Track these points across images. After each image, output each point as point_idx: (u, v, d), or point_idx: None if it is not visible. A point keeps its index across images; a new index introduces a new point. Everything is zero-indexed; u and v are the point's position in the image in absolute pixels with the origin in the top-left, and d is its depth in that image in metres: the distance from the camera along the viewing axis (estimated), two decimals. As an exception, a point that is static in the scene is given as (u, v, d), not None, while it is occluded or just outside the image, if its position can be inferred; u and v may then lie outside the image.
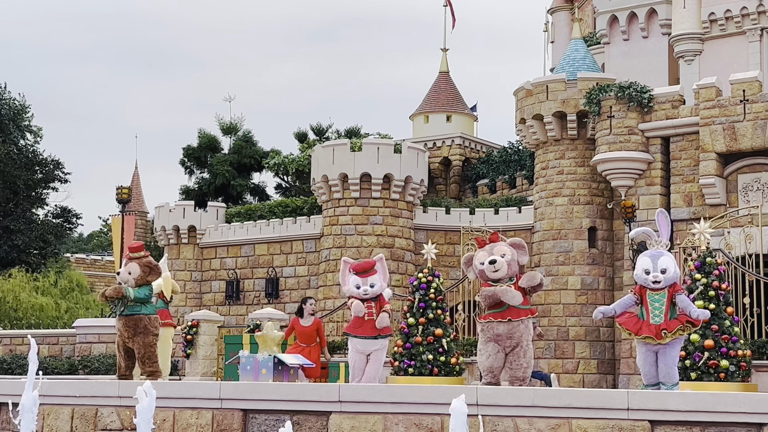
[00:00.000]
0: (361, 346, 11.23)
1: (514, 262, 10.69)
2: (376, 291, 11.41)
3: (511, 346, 10.55)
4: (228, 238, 31.20)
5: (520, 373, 10.57)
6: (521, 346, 10.55)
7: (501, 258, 10.60)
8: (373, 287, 11.36)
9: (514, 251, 10.76)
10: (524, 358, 10.56)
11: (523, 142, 28.19)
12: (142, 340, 11.59)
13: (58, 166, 39.19)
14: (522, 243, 10.99)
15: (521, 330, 10.56)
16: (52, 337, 25.03)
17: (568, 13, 33.95)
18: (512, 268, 10.64)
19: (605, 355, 25.30)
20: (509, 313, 10.56)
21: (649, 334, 10.18)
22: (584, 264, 25.46)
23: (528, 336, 10.65)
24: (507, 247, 10.76)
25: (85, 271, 45.89)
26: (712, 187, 23.04)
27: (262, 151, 39.08)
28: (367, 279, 11.38)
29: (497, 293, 10.49)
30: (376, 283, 11.41)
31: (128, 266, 11.87)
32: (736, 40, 26.53)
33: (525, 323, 10.61)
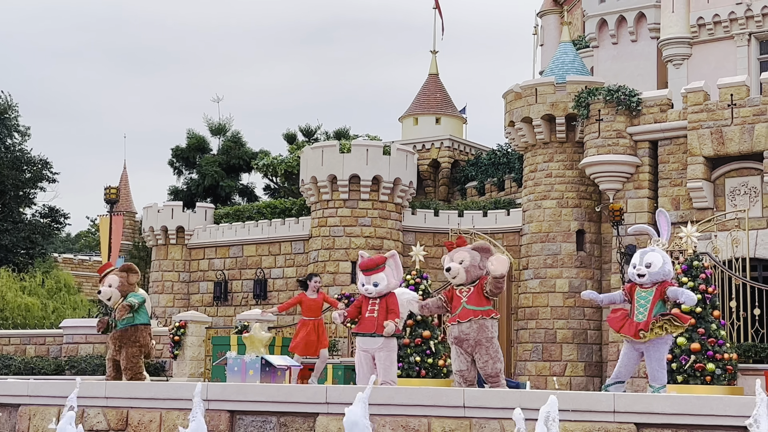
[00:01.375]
0: (362, 343, 10.93)
1: (474, 267, 10.57)
2: (380, 290, 10.76)
3: (470, 347, 10.55)
4: (216, 239, 31.15)
5: (489, 369, 10.51)
6: (481, 345, 10.50)
7: (458, 265, 10.56)
8: (376, 286, 10.73)
9: (475, 255, 10.63)
10: (487, 354, 10.48)
11: (512, 145, 28.25)
12: (126, 351, 11.61)
13: (46, 165, 39.06)
14: (485, 246, 10.76)
15: (475, 330, 10.48)
16: (38, 337, 24.95)
17: (558, 17, 34.04)
18: (471, 274, 10.56)
19: (592, 358, 25.36)
20: (460, 316, 10.59)
21: (627, 333, 10.20)
22: (572, 267, 25.53)
23: (487, 334, 10.52)
24: (467, 252, 10.62)
25: (72, 271, 45.75)
26: (699, 191, 23.13)
27: (251, 152, 39.04)
28: (371, 278, 10.78)
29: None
30: (381, 282, 10.75)
31: (106, 280, 11.85)
32: (725, 44, 26.65)
33: (479, 323, 10.50)
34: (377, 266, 10.76)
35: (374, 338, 10.69)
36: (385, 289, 10.77)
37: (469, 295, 10.58)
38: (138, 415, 9.73)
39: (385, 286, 10.74)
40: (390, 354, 10.75)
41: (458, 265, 10.58)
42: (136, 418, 9.72)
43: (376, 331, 10.68)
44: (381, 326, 10.68)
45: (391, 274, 10.83)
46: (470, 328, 10.50)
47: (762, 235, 22.49)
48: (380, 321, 10.68)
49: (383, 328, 10.66)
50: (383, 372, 10.62)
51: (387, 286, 10.74)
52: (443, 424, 8.52)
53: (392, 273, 10.85)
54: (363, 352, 10.82)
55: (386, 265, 10.84)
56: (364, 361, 10.84)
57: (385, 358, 10.66)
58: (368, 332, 10.71)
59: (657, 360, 10.31)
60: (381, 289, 10.76)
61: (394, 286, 10.86)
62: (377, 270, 10.76)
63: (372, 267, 10.78)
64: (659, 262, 10.23)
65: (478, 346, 10.49)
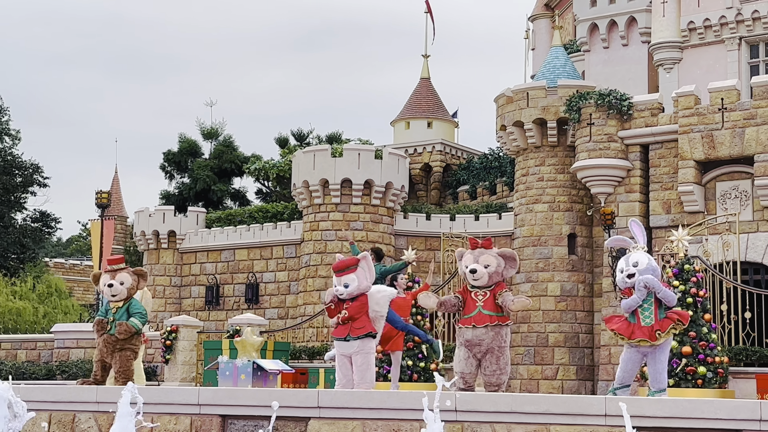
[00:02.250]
0: (339, 347, 10.88)
1: (497, 274, 10.60)
2: (351, 291, 10.52)
3: (481, 353, 10.55)
4: (208, 243, 31.10)
5: (494, 379, 10.53)
6: (493, 353, 10.50)
7: (484, 269, 10.56)
8: (347, 287, 10.51)
9: (501, 262, 10.64)
10: (496, 364, 10.50)
11: (504, 149, 28.28)
12: (120, 355, 11.53)
13: (38, 170, 38.96)
14: (513, 255, 10.75)
15: (490, 336, 10.50)
16: (29, 342, 24.89)
17: (549, 21, 34.11)
18: (493, 279, 10.59)
19: (584, 362, 25.39)
20: (475, 320, 10.58)
21: (642, 336, 10.21)
22: (564, 270, 25.56)
23: (500, 342, 10.55)
24: (494, 258, 10.63)
25: (63, 275, 45.65)
26: (690, 195, 23.19)
27: (243, 156, 39.00)
28: (342, 278, 10.56)
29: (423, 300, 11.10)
30: (352, 283, 10.50)
31: (119, 276, 11.53)
32: (715, 48, 26.73)
33: (495, 330, 10.52)
34: (348, 267, 10.64)
35: (349, 342, 10.58)
36: (355, 290, 10.56)
37: (486, 300, 10.56)
38: (129, 419, 9.69)
39: (355, 287, 10.54)
40: (367, 357, 10.62)
41: (484, 269, 10.57)
42: (128, 422, 9.68)
43: (350, 334, 10.57)
44: (355, 329, 10.56)
45: (362, 275, 10.60)
46: (486, 334, 10.49)
47: (753, 239, 22.56)
48: (354, 324, 10.56)
49: (357, 330, 10.56)
50: (359, 376, 10.52)
51: (358, 287, 10.55)
52: (435, 428, 8.50)
53: (364, 274, 10.62)
54: (341, 356, 10.75)
55: (358, 267, 10.67)
56: (342, 365, 10.75)
57: (362, 363, 10.52)
58: (342, 337, 10.60)
59: (661, 362, 10.39)
60: (351, 290, 10.54)
61: (365, 287, 10.63)
62: (348, 271, 10.59)
63: (343, 268, 10.60)
64: (645, 259, 10.37)
65: (490, 353, 10.49)
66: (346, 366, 10.64)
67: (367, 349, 10.57)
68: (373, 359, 10.70)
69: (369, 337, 10.57)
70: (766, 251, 22.49)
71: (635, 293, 10.31)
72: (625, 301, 10.44)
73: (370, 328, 10.60)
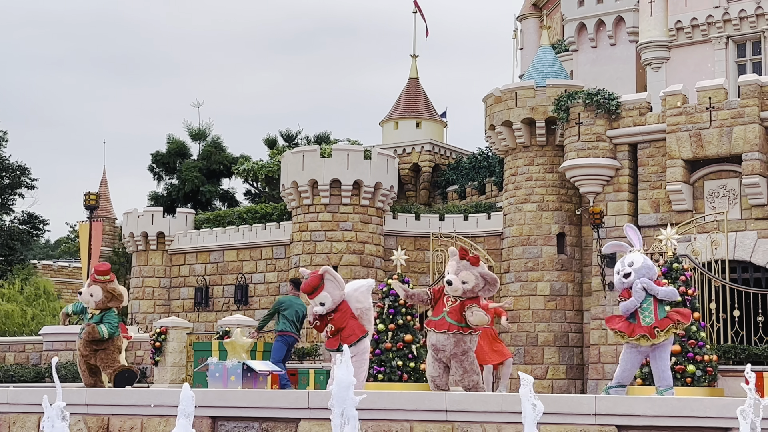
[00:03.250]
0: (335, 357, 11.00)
1: (472, 292, 10.63)
2: (329, 307, 10.78)
3: (446, 357, 10.66)
4: (197, 244, 31.04)
5: (464, 383, 10.63)
6: (456, 358, 10.58)
7: (460, 284, 10.64)
8: (323, 305, 10.77)
9: (480, 283, 10.63)
10: (462, 368, 10.59)
11: (493, 149, 28.31)
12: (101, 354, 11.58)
13: (25, 172, 38.81)
14: (494, 281, 10.75)
15: (452, 343, 10.58)
16: (18, 344, 24.79)
17: (537, 21, 34.17)
18: (467, 295, 10.65)
19: (574, 361, 25.43)
20: (437, 324, 10.68)
21: (643, 332, 10.26)
22: (553, 270, 25.59)
23: (463, 348, 10.57)
24: (474, 277, 10.63)
25: (52, 278, 45.50)
26: (678, 194, 23.25)
27: (232, 157, 38.93)
28: (315, 299, 10.82)
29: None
30: (326, 300, 10.76)
31: (91, 288, 11.73)
32: (702, 47, 26.81)
33: (457, 337, 10.57)
34: (316, 288, 10.76)
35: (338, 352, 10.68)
36: (332, 304, 10.78)
37: (453, 308, 10.63)
38: (119, 421, 9.67)
39: (331, 302, 10.75)
40: (360, 357, 10.76)
41: (461, 284, 10.62)
42: (117, 424, 9.66)
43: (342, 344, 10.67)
44: (346, 337, 10.70)
45: (332, 288, 10.81)
46: (447, 341, 10.60)
47: (741, 237, 22.64)
48: (344, 333, 10.75)
49: (349, 339, 10.68)
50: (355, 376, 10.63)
51: (333, 301, 10.74)
52: (425, 428, 8.52)
53: (333, 286, 10.83)
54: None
55: (325, 281, 10.82)
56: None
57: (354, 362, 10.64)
58: (334, 348, 10.74)
59: (663, 360, 10.45)
60: (329, 306, 10.77)
61: (339, 297, 10.82)
62: (318, 291, 10.75)
63: (311, 291, 10.80)
64: (640, 259, 10.41)
65: (454, 358, 10.60)
66: None
67: (362, 351, 10.72)
68: (366, 358, 10.85)
69: (362, 339, 10.70)
70: (755, 249, 22.57)
71: (633, 295, 10.34)
72: (623, 303, 10.46)
73: (360, 332, 10.72)
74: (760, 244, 22.53)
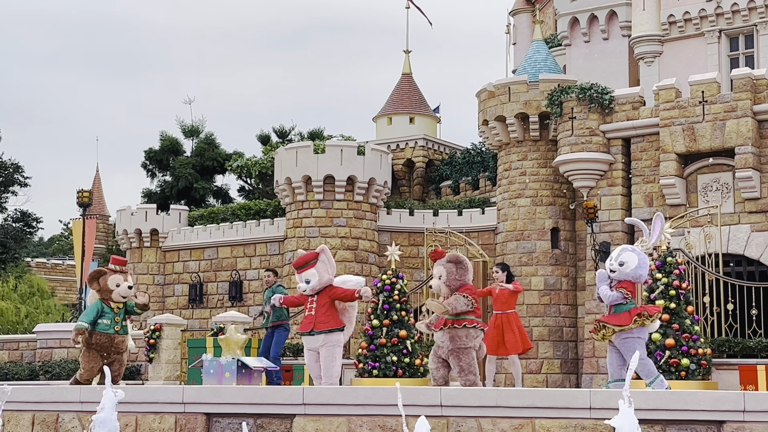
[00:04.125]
0: (306, 342, 10.87)
1: (454, 280, 10.65)
2: (313, 286, 10.58)
3: (444, 354, 10.69)
4: (191, 241, 31.01)
5: (461, 381, 10.67)
6: (454, 354, 10.63)
7: (438, 280, 10.71)
8: (308, 283, 10.58)
9: (450, 267, 10.65)
10: (458, 366, 10.63)
11: (486, 144, 28.32)
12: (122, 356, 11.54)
13: (18, 169, 38.71)
14: (456, 258, 10.75)
15: (447, 338, 10.64)
16: (12, 342, 24.73)
17: (530, 16, 34.16)
18: (452, 286, 10.66)
19: (568, 355, 25.46)
20: (437, 323, 10.77)
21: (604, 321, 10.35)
22: (547, 264, 25.62)
23: (459, 344, 10.58)
24: (442, 267, 10.69)
25: (45, 275, 45.43)
26: (672, 188, 23.28)
27: (225, 154, 38.89)
28: (302, 275, 10.64)
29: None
30: (312, 278, 10.56)
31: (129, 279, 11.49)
32: (695, 41, 26.83)
33: (452, 332, 10.60)
34: (307, 263, 10.59)
35: (314, 336, 10.57)
36: (317, 284, 10.59)
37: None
38: (113, 419, 9.64)
39: (317, 282, 10.55)
40: (332, 350, 10.61)
41: (438, 280, 10.67)
42: (112, 422, 9.63)
43: (314, 329, 10.56)
44: (320, 323, 10.56)
45: (323, 269, 10.62)
46: (443, 337, 10.68)
47: (734, 231, 22.68)
48: (319, 318, 10.53)
49: (322, 325, 10.54)
50: (325, 370, 10.56)
51: (319, 281, 10.55)
52: (420, 423, 8.50)
53: (324, 268, 10.64)
54: (309, 351, 10.76)
55: (318, 261, 10.64)
56: (311, 360, 10.76)
57: (326, 356, 10.54)
58: (306, 331, 10.61)
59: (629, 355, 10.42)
60: (313, 285, 10.59)
61: (327, 280, 10.64)
62: (308, 267, 10.57)
63: (302, 264, 10.63)
64: (633, 263, 10.26)
65: (451, 354, 10.62)
66: (314, 360, 10.67)
67: (333, 342, 10.57)
68: (339, 352, 10.72)
69: (335, 331, 10.57)
70: (748, 243, 22.62)
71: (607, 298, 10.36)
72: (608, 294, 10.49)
73: (336, 323, 10.58)
74: (754, 237, 22.58)
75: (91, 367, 11.45)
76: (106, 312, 11.45)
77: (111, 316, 11.44)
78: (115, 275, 11.41)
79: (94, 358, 11.44)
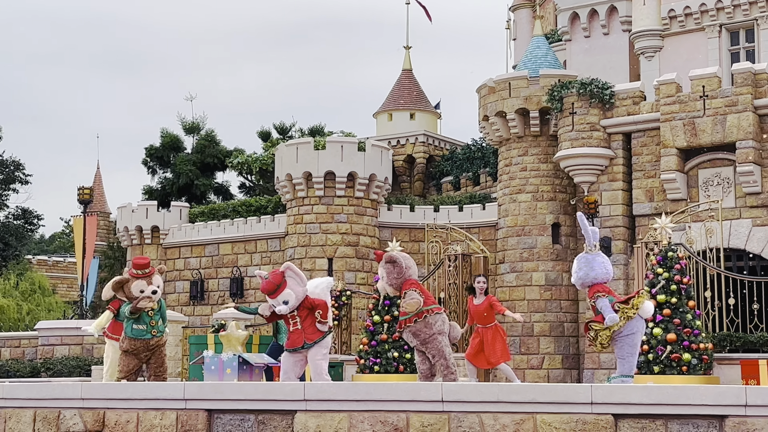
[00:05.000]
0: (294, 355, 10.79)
1: (395, 279, 10.65)
2: (292, 305, 10.52)
3: (419, 348, 10.79)
4: (192, 237, 31.01)
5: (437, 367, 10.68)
6: (424, 346, 10.68)
7: (382, 282, 10.84)
8: (287, 303, 10.49)
9: (389, 268, 10.67)
10: (430, 353, 10.67)
11: (487, 139, 28.30)
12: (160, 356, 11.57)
13: (19, 167, 38.74)
14: (391, 257, 10.72)
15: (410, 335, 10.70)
16: (13, 339, 24.73)
17: (530, 11, 34.12)
18: (396, 285, 10.67)
19: (570, 351, 25.46)
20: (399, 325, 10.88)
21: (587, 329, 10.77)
22: (548, 260, 25.61)
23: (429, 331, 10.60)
24: (382, 268, 10.75)
25: (47, 272, 45.39)
26: (673, 183, 23.27)
27: (226, 151, 38.85)
28: (278, 298, 10.51)
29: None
30: (290, 298, 10.47)
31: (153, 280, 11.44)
32: (696, 36, 26.79)
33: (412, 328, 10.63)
34: (278, 287, 10.47)
35: (306, 349, 10.59)
36: (296, 302, 10.54)
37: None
38: (115, 415, 9.65)
39: (295, 299, 10.49)
40: (319, 350, 10.64)
41: (382, 282, 10.83)
42: (113, 418, 9.64)
43: (306, 342, 10.54)
44: (309, 335, 10.53)
45: (295, 285, 10.55)
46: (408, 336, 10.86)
47: (735, 226, 22.66)
48: (306, 330, 10.50)
49: (312, 336, 10.50)
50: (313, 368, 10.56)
51: (297, 298, 10.49)
52: (422, 418, 8.51)
53: (295, 283, 10.58)
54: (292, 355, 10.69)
55: (286, 279, 10.55)
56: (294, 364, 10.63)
57: (314, 354, 10.56)
58: (298, 346, 10.58)
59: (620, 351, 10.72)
60: (293, 305, 10.53)
61: (302, 294, 10.58)
62: (279, 290, 10.47)
63: (273, 290, 10.51)
64: (575, 268, 10.96)
65: (424, 347, 10.69)
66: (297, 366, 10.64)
67: (324, 346, 10.64)
68: (327, 352, 10.75)
69: (325, 336, 10.61)
70: (749, 237, 22.61)
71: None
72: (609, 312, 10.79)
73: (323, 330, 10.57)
74: (755, 232, 22.56)
75: (129, 368, 11.51)
76: (141, 317, 11.43)
77: (146, 320, 11.43)
78: (137, 281, 11.39)
79: (131, 361, 11.52)
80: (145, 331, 11.35)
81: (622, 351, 10.67)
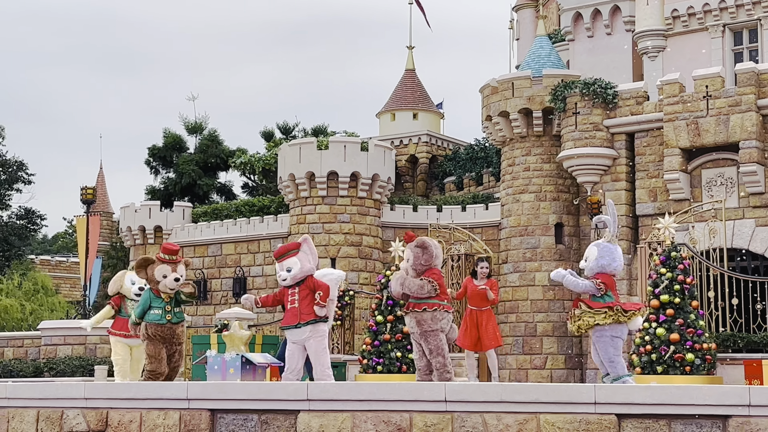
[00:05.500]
0: (290, 335, 10.71)
1: (419, 264, 10.57)
2: (294, 275, 10.34)
3: (417, 337, 10.71)
4: (195, 237, 31.02)
5: (434, 364, 10.62)
6: (423, 337, 10.60)
7: (405, 263, 10.72)
8: (290, 271, 10.32)
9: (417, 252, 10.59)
10: (428, 347, 10.60)
11: (490, 139, 28.28)
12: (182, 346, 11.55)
13: (22, 167, 38.78)
14: (424, 242, 10.65)
15: (414, 323, 10.62)
16: (16, 339, 24.74)
17: (533, 11, 34.13)
18: (418, 270, 10.60)
19: (572, 351, 25.45)
20: (406, 307, 10.74)
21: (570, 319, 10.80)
22: (551, 260, 25.59)
23: (425, 327, 10.55)
24: (410, 251, 10.64)
25: (50, 272, 45.43)
26: (676, 183, 23.24)
27: (228, 150, 38.88)
28: (284, 263, 10.37)
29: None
30: (294, 266, 10.32)
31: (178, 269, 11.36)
32: (699, 36, 26.78)
33: (416, 317, 10.59)
34: (289, 252, 10.39)
35: (300, 329, 10.43)
36: (299, 273, 10.37)
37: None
38: (118, 415, 9.65)
39: (299, 270, 10.33)
40: (321, 341, 10.48)
41: (406, 263, 10.71)
42: (116, 418, 9.64)
43: (300, 321, 10.42)
44: (304, 315, 10.42)
45: (305, 258, 10.41)
46: (411, 322, 10.70)
47: (739, 226, 22.64)
48: (302, 310, 10.34)
49: (307, 316, 10.35)
50: (315, 361, 10.45)
51: (301, 269, 10.31)
52: (425, 418, 8.51)
53: (306, 257, 10.42)
54: (293, 344, 10.62)
55: (299, 250, 10.41)
56: (296, 352, 10.61)
57: (316, 347, 10.42)
58: (292, 324, 10.48)
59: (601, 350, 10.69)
60: (295, 274, 10.37)
61: (308, 269, 10.42)
62: (289, 255, 10.35)
63: (283, 253, 10.42)
64: (593, 254, 10.69)
65: (421, 339, 10.63)
66: (298, 354, 10.55)
67: (321, 333, 10.45)
68: (326, 342, 10.61)
69: (321, 321, 10.44)
70: (752, 237, 22.58)
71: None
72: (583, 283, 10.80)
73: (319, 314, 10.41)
74: (758, 232, 22.54)
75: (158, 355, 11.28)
76: (155, 302, 11.36)
77: (162, 305, 11.36)
78: (162, 265, 11.29)
79: (157, 346, 11.32)
80: (160, 316, 11.31)
81: (608, 353, 10.68)
